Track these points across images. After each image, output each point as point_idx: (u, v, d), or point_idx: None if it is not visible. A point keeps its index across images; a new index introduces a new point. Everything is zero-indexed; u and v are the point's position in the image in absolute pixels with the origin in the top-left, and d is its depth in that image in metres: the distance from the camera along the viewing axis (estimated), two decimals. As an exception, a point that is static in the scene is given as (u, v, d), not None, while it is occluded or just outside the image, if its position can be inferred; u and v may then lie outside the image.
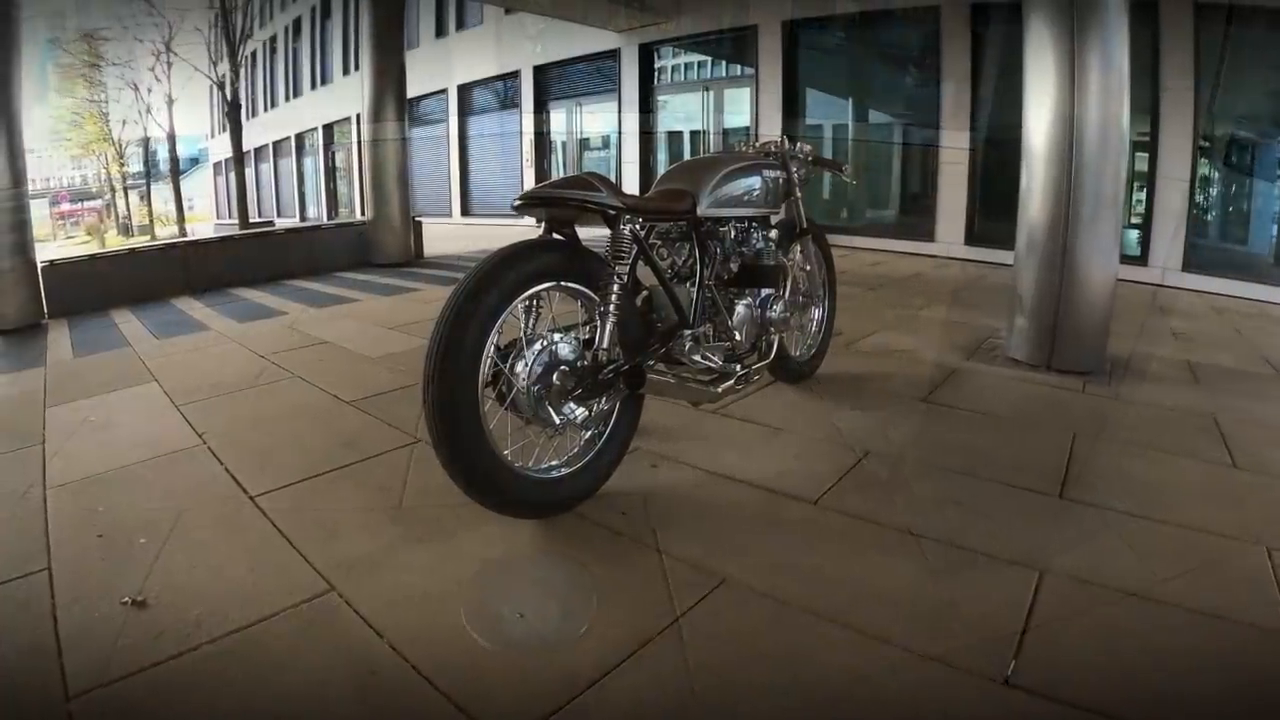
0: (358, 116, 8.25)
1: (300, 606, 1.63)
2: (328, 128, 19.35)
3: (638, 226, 2.09)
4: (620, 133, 11.10)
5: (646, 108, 10.80)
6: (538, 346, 1.88)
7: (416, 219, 8.90)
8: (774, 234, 2.72)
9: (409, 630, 1.54)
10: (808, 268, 3.11)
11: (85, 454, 2.63)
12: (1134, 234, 6.69)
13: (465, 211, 14.58)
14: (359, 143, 8.39)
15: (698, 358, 2.32)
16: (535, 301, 1.94)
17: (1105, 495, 2.13)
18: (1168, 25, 6.01)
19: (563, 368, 1.90)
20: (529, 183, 11.62)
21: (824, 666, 1.44)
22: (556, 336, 1.93)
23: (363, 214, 8.45)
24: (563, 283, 1.94)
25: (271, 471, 2.37)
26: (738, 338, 2.50)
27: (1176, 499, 2.13)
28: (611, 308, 1.95)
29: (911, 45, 8.15)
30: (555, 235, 1.99)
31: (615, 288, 1.97)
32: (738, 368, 2.41)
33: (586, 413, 1.98)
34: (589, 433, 2.09)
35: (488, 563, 1.81)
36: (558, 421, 1.89)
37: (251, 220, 17.24)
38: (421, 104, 15.30)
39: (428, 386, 1.70)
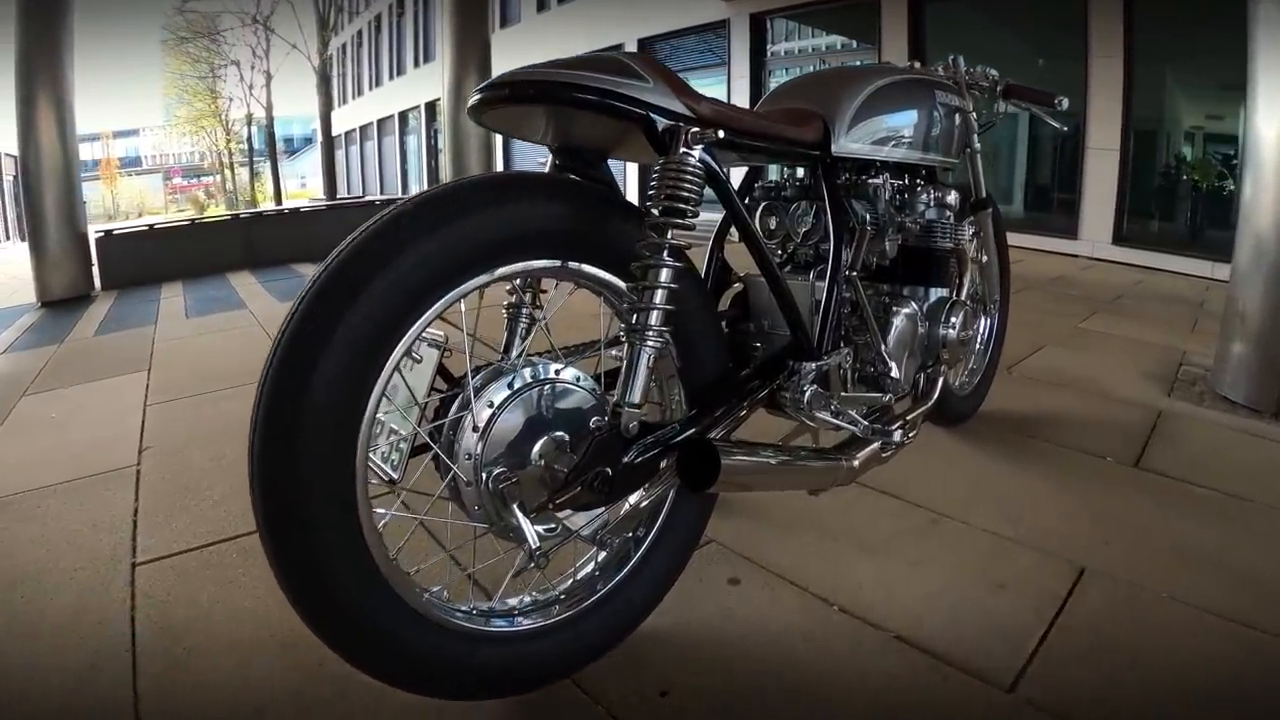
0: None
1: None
2: (429, 105, 19.28)
3: (714, 159, 1.04)
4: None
5: (758, 83, 9.90)
6: (503, 392, 0.94)
7: (500, 196, 8.40)
8: (952, 198, 1.57)
9: None
10: (984, 258, 2.02)
11: (13, 465, 2.20)
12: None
13: (565, 192, 14.03)
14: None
15: (826, 415, 1.29)
16: (525, 295, 1.08)
17: None
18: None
19: (554, 435, 0.98)
20: (630, 169, 10.84)
21: None
22: (551, 369, 0.99)
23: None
24: (570, 263, 0.98)
25: (181, 521, 1.71)
26: (895, 373, 1.42)
27: None
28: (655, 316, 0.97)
29: (1053, 16, 6.95)
30: (568, 175, 1.09)
31: (665, 276, 0.96)
32: (894, 430, 1.33)
33: (600, 521, 0.99)
34: (614, 544, 1.14)
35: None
36: (536, 543, 0.91)
37: (342, 195, 17.38)
38: (524, 81, 14.83)
39: (250, 466, 0.81)
